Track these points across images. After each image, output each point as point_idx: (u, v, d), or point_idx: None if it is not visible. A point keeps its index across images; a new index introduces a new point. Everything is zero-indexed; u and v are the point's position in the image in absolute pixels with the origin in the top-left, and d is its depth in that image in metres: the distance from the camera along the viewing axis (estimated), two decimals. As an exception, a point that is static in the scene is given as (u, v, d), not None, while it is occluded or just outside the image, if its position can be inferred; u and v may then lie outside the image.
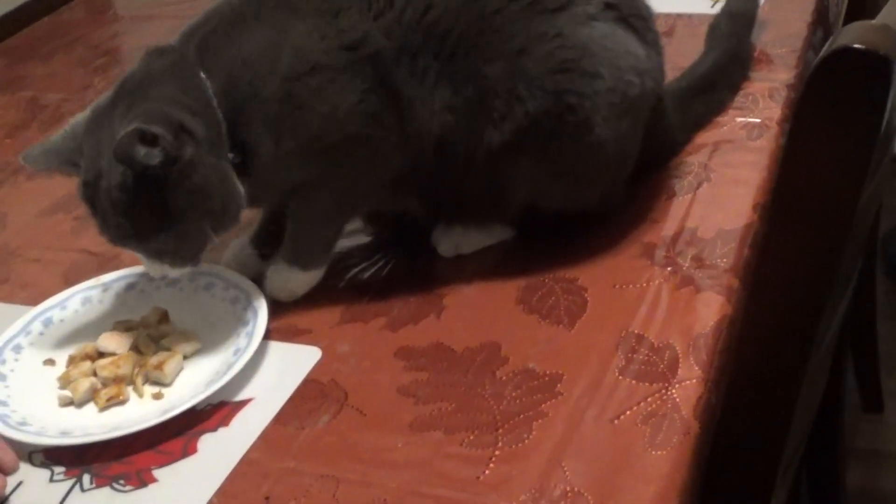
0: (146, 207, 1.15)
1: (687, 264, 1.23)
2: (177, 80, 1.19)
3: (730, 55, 1.54)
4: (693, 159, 1.42)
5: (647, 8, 1.33)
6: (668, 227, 1.30)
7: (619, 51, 1.24)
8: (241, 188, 1.20)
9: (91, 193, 1.18)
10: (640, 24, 1.29)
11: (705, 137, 1.46)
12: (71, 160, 1.21)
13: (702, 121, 1.48)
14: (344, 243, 1.35)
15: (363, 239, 1.36)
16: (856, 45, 0.87)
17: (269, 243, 1.35)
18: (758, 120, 1.47)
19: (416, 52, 1.20)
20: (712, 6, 1.77)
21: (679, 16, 1.79)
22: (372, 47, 1.19)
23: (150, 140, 1.11)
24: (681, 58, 1.57)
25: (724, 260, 1.23)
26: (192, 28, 1.25)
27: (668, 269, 1.23)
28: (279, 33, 1.20)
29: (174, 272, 1.22)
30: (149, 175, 1.13)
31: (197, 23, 1.25)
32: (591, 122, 1.22)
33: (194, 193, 1.16)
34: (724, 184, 1.36)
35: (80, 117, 1.24)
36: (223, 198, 1.19)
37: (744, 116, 1.48)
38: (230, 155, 1.19)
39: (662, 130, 1.37)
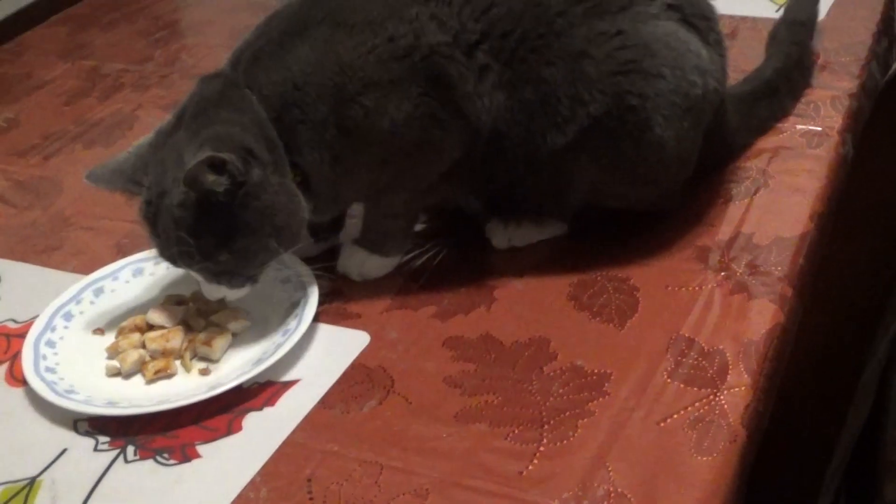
0: (210, 226, 1.14)
1: (741, 270, 1.22)
2: (233, 105, 1.19)
3: (793, 62, 1.53)
4: (751, 164, 1.41)
5: (711, 8, 1.32)
6: (724, 232, 1.29)
7: (682, 50, 1.23)
8: (304, 203, 1.20)
9: (153, 212, 1.17)
10: (703, 24, 1.29)
11: (765, 143, 1.45)
12: (134, 179, 1.20)
13: (763, 125, 1.47)
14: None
15: (417, 227, 1.35)
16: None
17: (322, 226, 1.35)
18: (818, 128, 1.46)
19: (473, 46, 1.19)
20: (777, 10, 1.75)
21: (743, 18, 1.78)
22: (425, 49, 1.18)
23: (218, 167, 1.11)
24: (744, 60, 1.56)
25: (779, 268, 1.22)
26: (241, 49, 1.24)
27: (722, 273, 1.22)
28: (325, 52, 1.19)
29: (232, 294, 1.21)
30: (220, 199, 1.13)
31: (246, 42, 1.24)
32: (651, 122, 1.21)
33: (261, 213, 1.15)
34: (781, 191, 1.35)
35: (144, 140, 1.23)
36: (288, 215, 1.18)
37: (804, 124, 1.47)
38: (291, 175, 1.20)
39: (723, 132, 1.36)
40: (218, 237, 1.15)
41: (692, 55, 1.24)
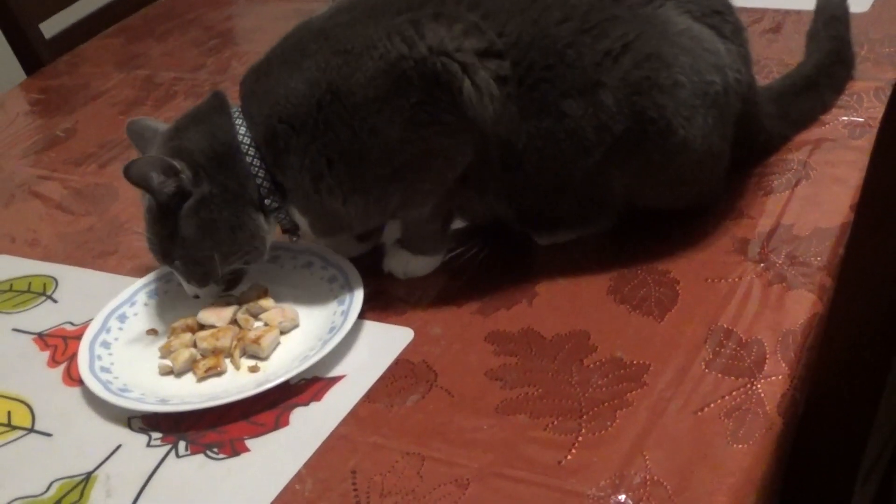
0: (163, 232, 1.25)
1: (780, 261, 1.23)
2: (211, 125, 1.26)
3: (833, 56, 1.53)
4: (793, 156, 1.41)
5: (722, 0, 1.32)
6: (764, 224, 1.30)
7: (697, 51, 1.23)
8: (262, 233, 1.27)
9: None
10: (716, 19, 1.28)
11: (807, 135, 1.45)
12: None
13: (805, 118, 1.46)
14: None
15: (459, 224, 1.37)
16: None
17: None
18: (861, 119, 1.46)
19: (491, 51, 1.19)
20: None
21: (787, 12, 1.78)
22: (419, 52, 1.17)
23: (168, 170, 1.21)
24: (788, 55, 1.57)
25: (819, 258, 1.22)
26: (253, 69, 1.29)
27: (761, 265, 1.23)
28: (318, 80, 1.20)
29: (204, 293, 1.30)
30: (169, 204, 1.23)
31: (257, 63, 1.29)
32: (672, 126, 1.21)
33: (201, 228, 1.24)
34: (823, 182, 1.35)
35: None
36: (232, 231, 1.25)
37: (847, 115, 1.47)
38: (267, 201, 1.25)
39: (756, 119, 1.36)
40: (169, 243, 1.25)
41: (708, 54, 1.23)
